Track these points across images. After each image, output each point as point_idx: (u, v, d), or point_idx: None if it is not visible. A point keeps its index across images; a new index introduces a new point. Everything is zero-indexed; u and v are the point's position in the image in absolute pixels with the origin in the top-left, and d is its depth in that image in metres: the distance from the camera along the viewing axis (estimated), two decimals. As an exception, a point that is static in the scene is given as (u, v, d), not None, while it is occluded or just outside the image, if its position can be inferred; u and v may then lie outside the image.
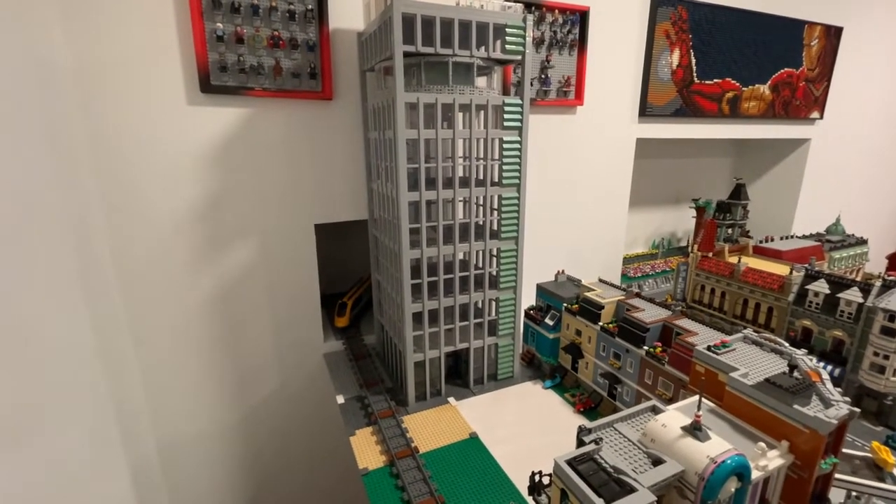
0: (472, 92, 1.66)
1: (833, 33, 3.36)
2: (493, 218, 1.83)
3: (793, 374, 1.12)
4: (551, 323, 1.97)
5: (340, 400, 1.84)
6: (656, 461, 0.95)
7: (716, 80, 2.97)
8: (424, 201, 1.64)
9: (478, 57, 1.62)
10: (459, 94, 1.62)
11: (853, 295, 1.70)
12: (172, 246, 1.89)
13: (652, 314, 1.66)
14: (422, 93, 1.56)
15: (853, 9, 3.44)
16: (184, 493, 2.21)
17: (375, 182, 1.93)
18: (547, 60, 2.39)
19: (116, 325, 1.85)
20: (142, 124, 1.75)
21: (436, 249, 1.71)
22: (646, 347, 1.58)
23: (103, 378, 1.71)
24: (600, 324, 1.75)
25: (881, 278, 1.69)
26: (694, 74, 2.87)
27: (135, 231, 1.82)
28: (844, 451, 1.43)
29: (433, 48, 1.51)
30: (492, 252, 1.86)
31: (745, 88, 3.10)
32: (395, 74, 1.47)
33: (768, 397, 1.08)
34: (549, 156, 2.58)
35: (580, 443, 1.04)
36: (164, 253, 1.89)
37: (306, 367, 2.29)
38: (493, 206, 1.84)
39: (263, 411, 2.26)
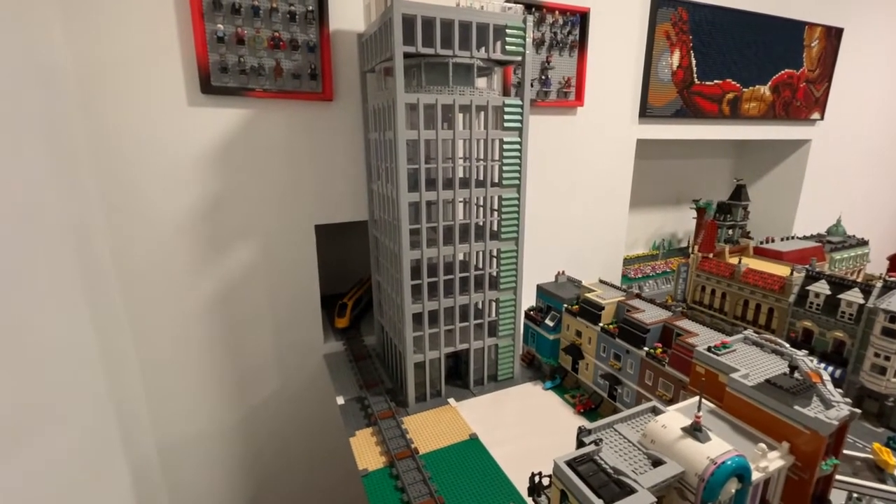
0: (473, 93, 1.66)
1: (833, 34, 3.36)
2: (493, 219, 1.83)
3: (793, 375, 1.12)
4: (551, 324, 1.97)
5: (340, 401, 1.84)
6: (656, 462, 0.95)
7: (716, 81, 2.97)
8: (424, 202, 1.64)
9: (478, 58, 1.62)
10: (459, 95, 1.62)
11: (854, 296, 1.70)
12: (173, 246, 1.90)
13: (652, 315, 1.66)
14: (422, 94, 1.56)
15: (853, 10, 3.44)
16: (184, 493, 2.21)
17: (376, 183, 1.93)
18: (547, 61, 2.39)
19: (117, 325, 1.85)
20: (142, 125, 1.75)
21: (436, 250, 1.71)
22: (646, 348, 1.57)
23: (103, 378, 1.71)
24: (600, 325, 1.75)
25: (882, 279, 1.69)
26: (694, 75, 2.87)
27: (135, 231, 1.83)
28: (845, 452, 1.43)
29: (433, 49, 1.51)
30: (492, 253, 1.86)
31: (745, 89, 3.10)
32: (395, 75, 1.47)
33: (769, 398, 1.07)
34: (549, 157, 2.58)
35: (580, 444, 1.03)
36: (164, 253, 1.89)
37: (306, 368, 2.29)
38: (493, 207, 1.84)
39: (263, 412, 2.27)
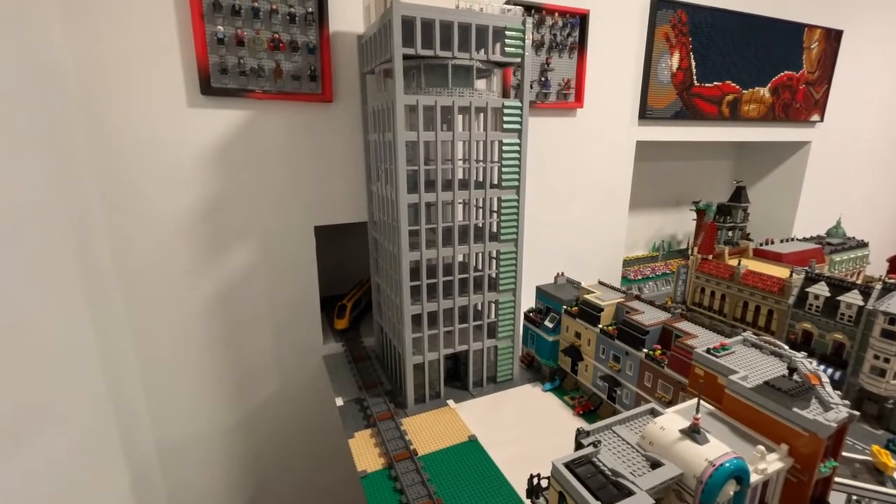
0: (472, 94, 1.66)
1: (833, 36, 3.36)
2: (492, 220, 1.83)
3: (792, 377, 1.12)
4: (551, 325, 1.97)
5: (339, 402, 1.84)
6: (655, 464, 0.95)
7: (716, 83, 2.97)
8: (424, 203, 1.64)
9: (477, 60, 1.62)
10: (459, 97, 1.62)
11: (853, 298, 1.70)
12: (173, 247, 1.90)
13: (651, 317, 1.66)
14: (421, 95, 1.56)
15: (853, 12, 3.45)
16: (183, 493, 2.21)
17: (375, 184, 1.94)
18: (547, 63, 2.40)
19: (117, 325, 1.85)
20: (142, 125, 1.75)
21: (435, 251, 1.71)
22: (645, 350, 1.57)
23: (103, 378, 1.71)
24: (600, 326, 1.75)
25: (882, 281, 1.68)
26: (694, 77, 2.87)
27: (135, 231, 1.83)
28: (844, 454, 1.42)
29: (433, 51, 1.51)
30: (491, 254, 1.86)
31: (745, 91, 3.11)
32: (394, 77, 1.48)
33: (767, 400, 1.07)
34: (548, 158, 2.58)
35: (578, 445, 1.03)
36: (164, 254, 1.89)
37: (306, 369, 2.29)
38: (493, 209, 1.84)
39: (263, 413, 2.26)
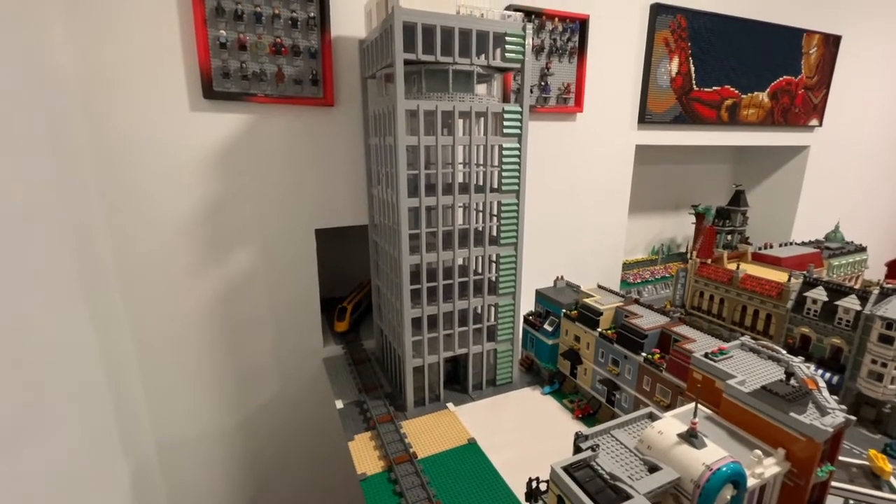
0: (472, 99, 1.67)
1: (831, 42, 3.38)
2: (492, 224, 1.84)
3: (789, 381, 1.12)
4: (550, 329, 1.98)
5: (339, 405, 1.85)
6: (652, 468, 0.95)
7: (715, 88, 2.98)
8: (424, 207, 1.65)
9: (478, 65, 1.63)
10: (459, 102, 1.63)
11: (851, 302, 1.70)
12: (174, 248, 1.91)
13: (650, 321, 1.67)
14: (422, 100, 1.58)
15: (851, 18, 3.47)
16: (183, 493, 2.21)
17: (376, 188, 1.95)
18: (547, 68, 2.41)
19: (117, 326, 1.86)
20: (145, 129, 1.76)
21: (435, 255, 1.72)
22: (644, 354, 1.58)
23: (103, 378, 1.72)
24: (599, 330, 1.76)
25: (879, 286, 1.69)
26: (693, 82, 2.89)
27: (136, 232, 1.84)
28: (841, 458, 1.43)
29: (434, 56, 1.53)
30: (491, 258, 1.87)
31: (743, 96, 3.12)
32: (395, 82, 1.49)
33: (764, 405, 1.08)
34: (548, 162, 2.59)
35: (577, 449, 1.04)
36: (165, 256, 1.90)
37: (306, 371, 2.30)
38: (493, 212, 1.85)
39: (263, 414, 2.27)
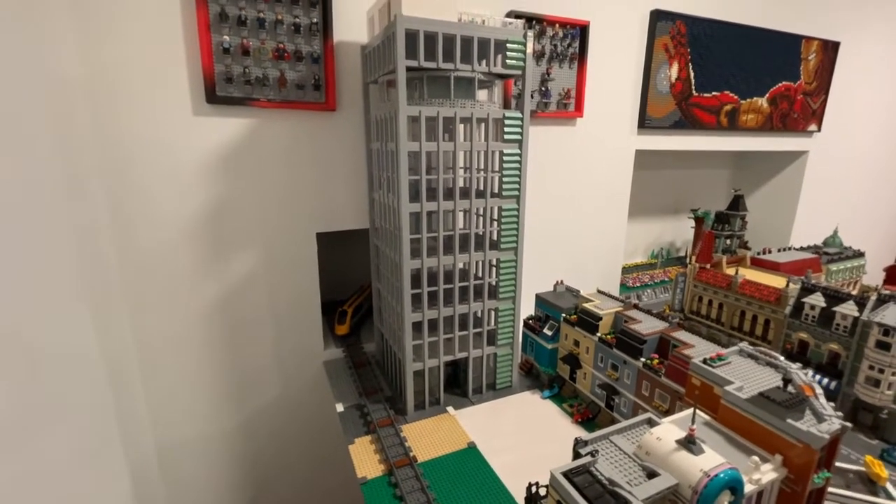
0: (474, 105, 1.68)
1: (830, 48, 3.40)
2: (492, 229, 1.85)
3: (787, 388, 1.13)
4: (550, 333, 1.99)
5: (340, 408, 1.86)
6: (651, 474, 0.96)
7: (714, 93, 3.00)
8: (425, 212, 1.66)
9: (479, 71, 1.65)
10: (461, 108, 1.65)
11: (848, 308, 1.72)
12: (176, 251, 1.92)
13: (649, 326, 1.68)
14: (424, 106, 1.59)
15: (850, 24, 3.49)
16: (183, 493, 2.21)
17: (377, 192, 1.96)
18: (547, 73, 2.42)
19: (118, 325, 1.87)
20: (148, 133, 1.78)
21: (436, 259, 1.73)
22: (643, 359, 1.59)
23: (103, 378, 1.72)
24: (598, 335, 1.77)
25: (877, 292, 1.70)
26: (692, 87, 2.90)
27: (139, 234, 1.85)
28: (838, 465, 1.44)
29: (435, 63, 1.54)
30: (491, 262, 1.88)
31: (743, 101, 3.14)
32: (397, 88, 1.50)
33: (762, 411, 1.09)
34: (548, 167, 2.60)
35: (576, 455, 1.05)
36: (167, 257, 1.91)
37: (306, 374, 2.30)
38: (493, 217, 1.86)
39: (263, 416, 2.28)
